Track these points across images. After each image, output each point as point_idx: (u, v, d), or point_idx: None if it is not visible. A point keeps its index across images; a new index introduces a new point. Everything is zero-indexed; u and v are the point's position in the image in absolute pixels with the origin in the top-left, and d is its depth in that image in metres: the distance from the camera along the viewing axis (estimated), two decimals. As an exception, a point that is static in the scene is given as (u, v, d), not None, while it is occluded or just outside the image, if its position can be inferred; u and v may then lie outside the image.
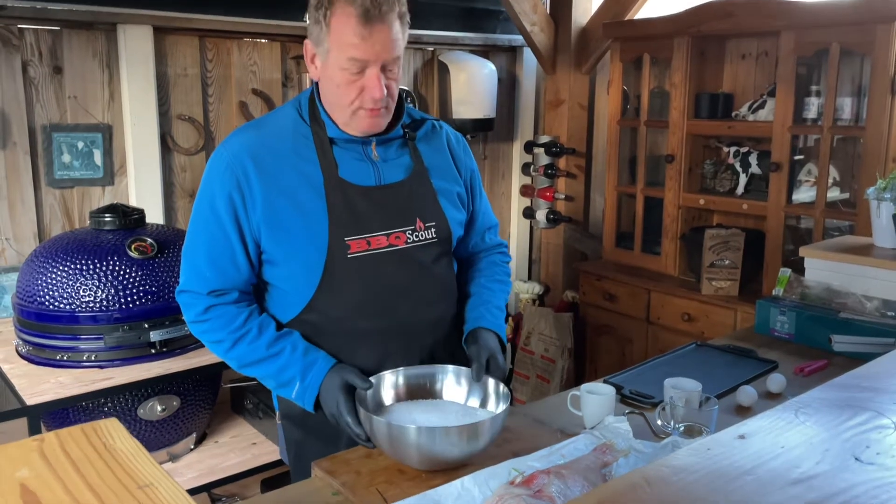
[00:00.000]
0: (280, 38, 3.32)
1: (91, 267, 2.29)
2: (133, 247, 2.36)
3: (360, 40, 1.40)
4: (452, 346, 1.68)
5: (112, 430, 1.10)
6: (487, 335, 1.61)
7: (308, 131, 1.53)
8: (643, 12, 3.72)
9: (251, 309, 1.54)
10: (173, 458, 2.55)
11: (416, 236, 1.56)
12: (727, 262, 3.05)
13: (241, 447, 2.65)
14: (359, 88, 1.45)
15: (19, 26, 2.73)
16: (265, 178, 1.48)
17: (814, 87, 2.94)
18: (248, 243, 1.51)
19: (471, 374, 1.52)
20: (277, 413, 1.69)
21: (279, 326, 1.55)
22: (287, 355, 1.50)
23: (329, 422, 1.50)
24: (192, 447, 2.62)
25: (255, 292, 1.60)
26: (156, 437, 2.47)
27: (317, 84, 1.55)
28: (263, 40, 3.29)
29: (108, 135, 2.95)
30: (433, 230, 1.58)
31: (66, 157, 2.87)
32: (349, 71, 1.43)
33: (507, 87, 4.24)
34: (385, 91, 1.45)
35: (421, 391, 1.52)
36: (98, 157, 2.94)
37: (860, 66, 2.88)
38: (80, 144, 2.89)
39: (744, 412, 1.69)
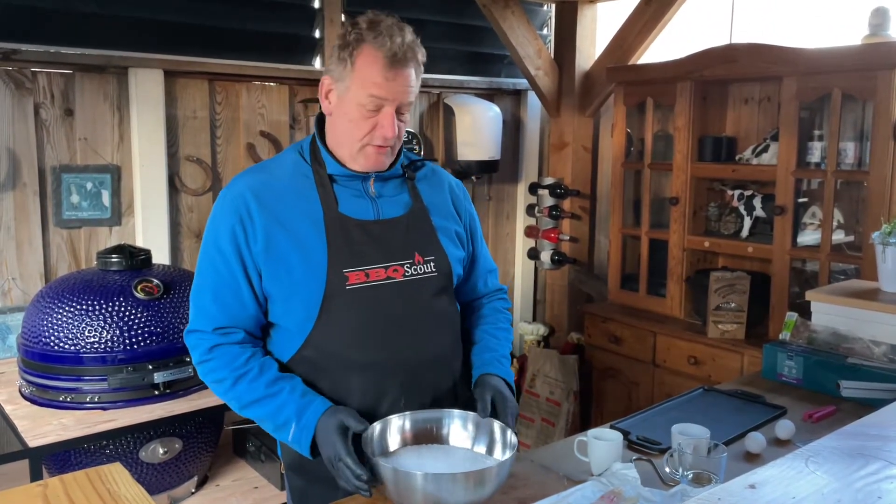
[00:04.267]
0: (288, 82, 3.37)
1: (97, 308, 2.30)
2: (139, 288, 2.36)
3: (384, 81, 1.47)
4: (457, 387, 1.67)
5: (116, 475, 1.10)
6: (493, 378, 1.62)
7: (309, 170, 1.58)
8: (646, 57, 3.77)
9: (255, 350, 1.55)
10: (174, 501, 2.52)
11: (415, 270, 1.58)
12: (733, 305, 3.05)
13: (242, 491, 2.62)
14: (372, 125, 1.51)
15: (32, 70, 2.78)
16: (266, 214, 1.52)
17: (816, 132, 2.96)
18: (251, 278, 1.53)
19: (477, 415, 1.51)
20: (282, 463, 1.68)
21: (281, 368, 1.55)
22: (285, 395, 1.49)
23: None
24: (194, 491, 2.59)
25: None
26: (157, 481, 2.44)
27: (319, 126, 1.61)
28: (272, 84, 3.34)
29: (116, 176, 2.98)
30: (432, 264, 1.60)
31: (75, 198, 2.89)
32: (366, 108, 1.49)
33: (512, 129, 4.28)
34: (396, 132, 1.51)
35: (427, 436, 1.51)
36: (106, 197, 2.96)
37: (862, 111, 2.90)
38: (89, 185, 2.92)
39: (753, 459, 1.67)
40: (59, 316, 2.29)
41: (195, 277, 1.58)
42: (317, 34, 3.43)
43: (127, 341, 2.29)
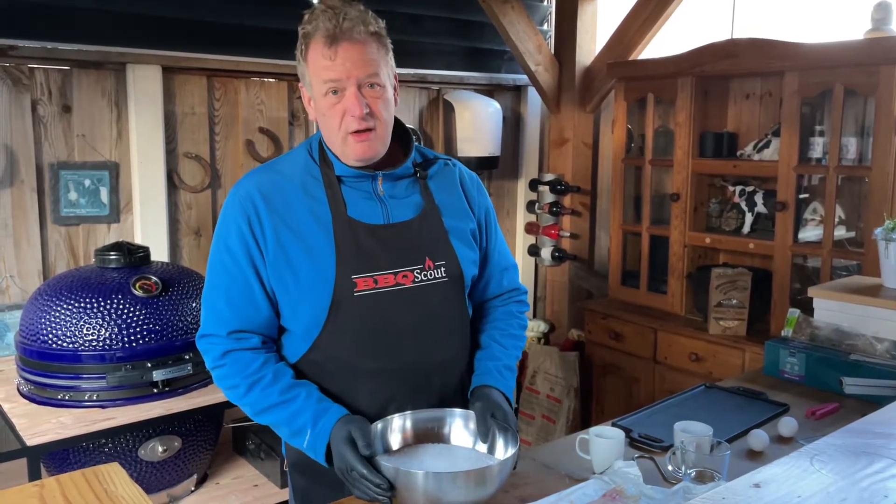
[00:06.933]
0: (287, 78, 3.35)
1: (95, 305, 2.28)
2: (137, 285, 2.35)
3: (329, 61, 1.43)
4: (465, 389, 1.65)
5: (113, 475, 1.08)
6: (492, 392, 1.56)
7: (318, 171, 1.54)
8: (647, 53, 3.75)
9: (268, 356, 1.52)
10: (174, 500, 2.51)
11: (425, 275, 1.54)
12: (734, 301, 3.03)
13: (242, 489, 2.61)
14: (341, 112, 1.46)
15: (30, 66, 2.76)
16: (275, 216, 1.49)
17: (818, 127, 2.94)
18: (264, 280, 1.50)
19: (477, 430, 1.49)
20: (285, 461, 1.66)
21: (295, 375, 1.52)
22: (300, 402, 1.46)
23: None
24: (193, 489, 2.58)
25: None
26: (156, 479, 2.43)
27: None
28: (271, 80, 3.32)
29: (114, 172, 2.97)
30: (443, 269, 1.56)
31: (73, 195, 2.88)
32: (329, 96, 1.46)
33: (512, 125, 4.27)
34: (366, 109, 1.45)
35: (429, 435, 1.50)
36: (104, 194, 2.95)
37: (864, 106, 2.89)
38: (87, 182, 2.91)
39: (755, 457, 1.66)
40: (58, 314, 2.28)
41: (206, 280, 1.54)
42: (316, 30, 3.41)
43: (125, 339, 2.28)
